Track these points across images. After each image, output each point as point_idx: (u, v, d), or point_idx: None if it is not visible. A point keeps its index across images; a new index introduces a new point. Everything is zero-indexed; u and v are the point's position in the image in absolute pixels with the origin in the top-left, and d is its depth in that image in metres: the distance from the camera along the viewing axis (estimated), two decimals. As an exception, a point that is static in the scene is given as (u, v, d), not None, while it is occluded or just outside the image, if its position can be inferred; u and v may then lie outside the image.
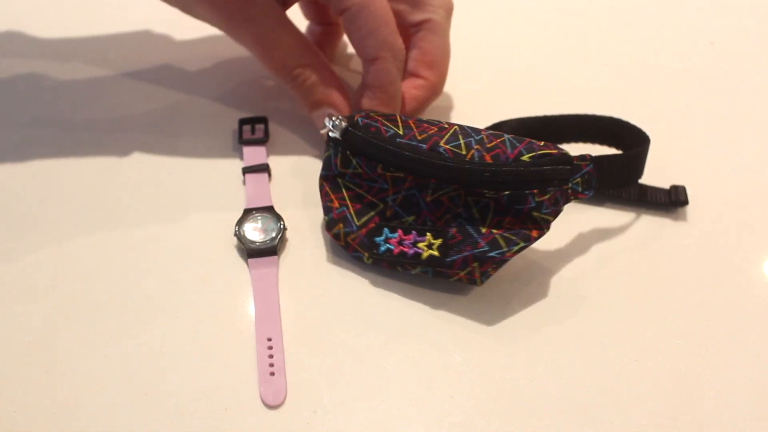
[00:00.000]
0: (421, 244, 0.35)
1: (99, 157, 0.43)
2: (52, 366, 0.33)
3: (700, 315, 0.36)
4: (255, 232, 0.38)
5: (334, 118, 0.37)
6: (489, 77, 0.46)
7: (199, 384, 0.33)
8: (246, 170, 0.41)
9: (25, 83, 0.47)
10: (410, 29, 0.42)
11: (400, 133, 0.36)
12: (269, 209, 0.39)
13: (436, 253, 0.35)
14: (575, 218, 0.40)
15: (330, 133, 0.37)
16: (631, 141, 0.39)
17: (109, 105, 0.46)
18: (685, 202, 0.40)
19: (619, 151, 0.40)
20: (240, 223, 0.38)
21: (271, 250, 0.37)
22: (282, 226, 0.38)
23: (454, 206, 0.36)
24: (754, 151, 0.44)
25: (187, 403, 0.32)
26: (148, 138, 0.44)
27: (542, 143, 0.35)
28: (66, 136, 0.44)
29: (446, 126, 0.36)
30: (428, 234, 0.36)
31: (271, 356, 0.33)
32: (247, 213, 0.39)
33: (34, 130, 0.44)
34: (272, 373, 0.33)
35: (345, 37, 0.50)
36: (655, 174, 0.42)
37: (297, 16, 0.45)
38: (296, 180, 0.42)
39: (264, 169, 0.41)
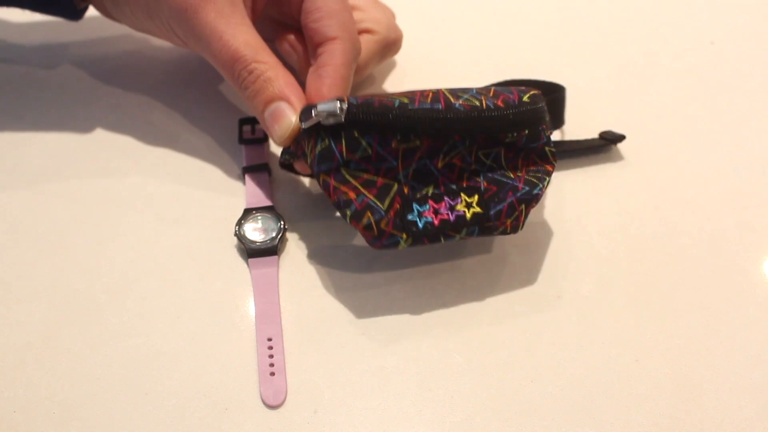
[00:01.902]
0: (459, 207, 0.34)
1: (98, 157, 0.43)
2: (52, 366, 0.33)
3: (700, 315, 0.36)
4: (255, 232, 0.38)
5: (321, 106, 0.33)
6: (485, 76, 0.46)
7: (199, 384, 0.33)
8: (246, 170, 0.41)
9: (20, 84, 0.47)
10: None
11: (405, 101, 0.34)
12: (269, 209, 0.39)
13: (478, 209, 0.34)
14: (574, 218, 0.40)
15: (323, 122, 0.33)
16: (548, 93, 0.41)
17: (107, 104, 0.46)
18: (621, 138, 0.43)
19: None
20: (240, 223, 0.38)
21: (271, 250, 0.37)
22: (282, 226, 0.38)
23: (466, 165, 0.35)
24: (755, 151, 0.44)
25: (187, 403, 0.32)
26: (147, 137, 0.44)
27: (522, 87, 0.37)
28: (65, 136, 0.44)
29: (435, 90, 0.35)
30: (462, 194, 0.35)
31: (271, 356, 0.33)
32: (247, 213, 0.39)
33: (34, 129, 0.44)
34: (272, 373, 0.33)
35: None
36: (654, 173, 0.42)
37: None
38: (296, 180, 0.42)
39: (264, 168, 0.41)
